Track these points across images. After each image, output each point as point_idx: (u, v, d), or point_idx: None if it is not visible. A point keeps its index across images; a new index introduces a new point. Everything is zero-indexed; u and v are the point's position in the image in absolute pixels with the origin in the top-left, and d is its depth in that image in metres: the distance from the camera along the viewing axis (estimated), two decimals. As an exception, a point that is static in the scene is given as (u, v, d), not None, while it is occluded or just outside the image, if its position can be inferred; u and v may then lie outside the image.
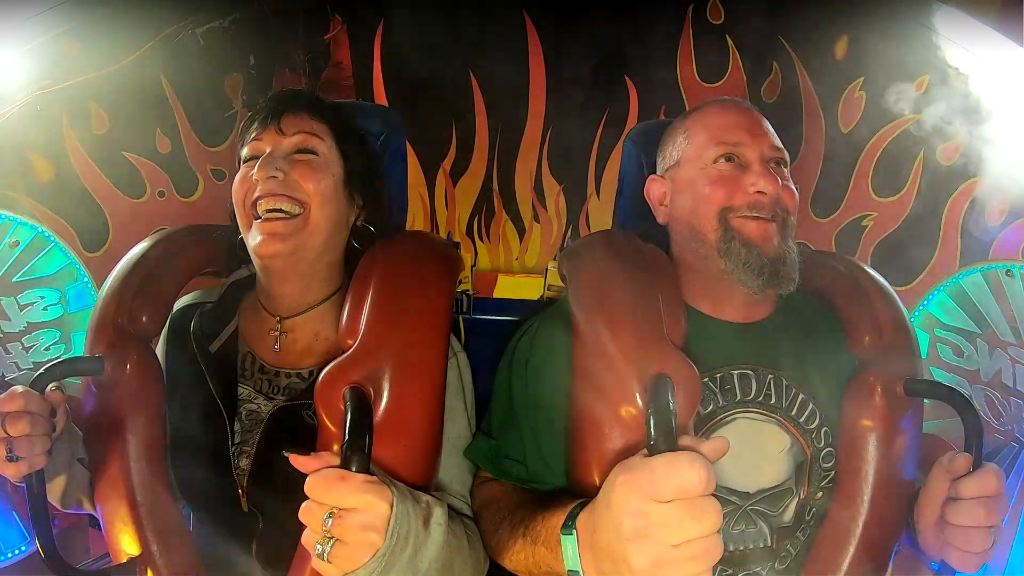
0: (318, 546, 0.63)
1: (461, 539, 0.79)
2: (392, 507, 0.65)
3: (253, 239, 0.86)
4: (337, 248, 0.93)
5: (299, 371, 0.91)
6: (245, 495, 0.86)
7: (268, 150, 0.88)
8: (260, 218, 0.86)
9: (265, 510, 0.86)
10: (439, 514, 0.71)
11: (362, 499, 0.63)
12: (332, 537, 0.63)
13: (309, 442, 0.77)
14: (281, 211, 0.86)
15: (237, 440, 0.88)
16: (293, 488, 0.81)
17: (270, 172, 0.85)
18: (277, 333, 0.92)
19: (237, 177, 0.90)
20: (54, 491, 0.86)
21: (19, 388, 0.77)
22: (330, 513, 0.62)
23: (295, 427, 0.86)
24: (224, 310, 0.96)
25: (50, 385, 0.80)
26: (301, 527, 0.80)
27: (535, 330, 0.93)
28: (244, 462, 0.87)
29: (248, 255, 0.91)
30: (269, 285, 0.92)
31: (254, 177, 0.86)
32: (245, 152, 0.91)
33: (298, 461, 0.66)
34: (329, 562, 0.63)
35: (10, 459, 0.76)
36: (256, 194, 0.86)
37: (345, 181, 0.92)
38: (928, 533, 0.83)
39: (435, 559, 0.70)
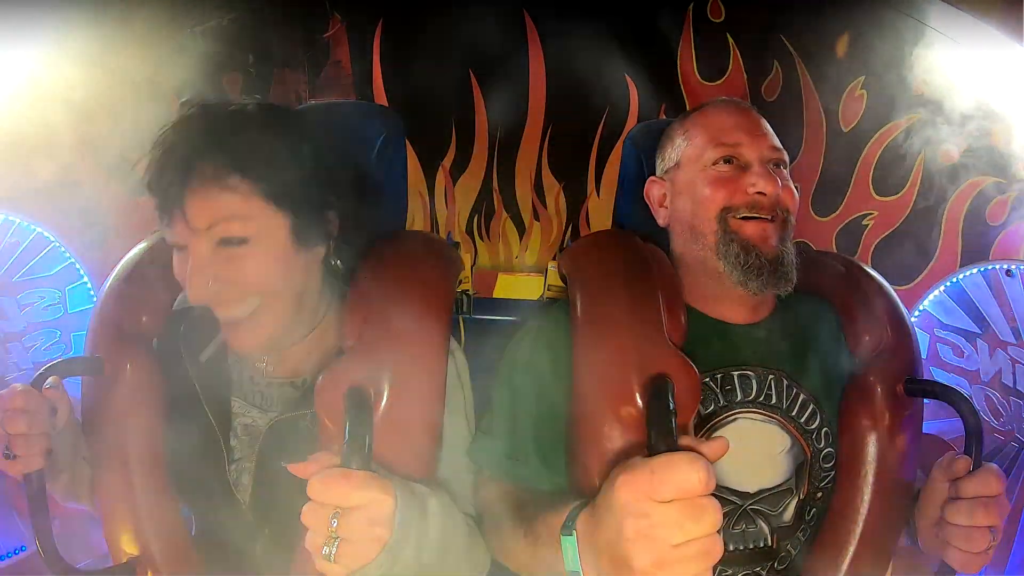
0: (324, 548, 0.62)
1: (458, 529, 0.79)
2: (396, 500, 0.64)
3: (223, 331, 0.81)
4: (310, 292, 0.86)
5: (292, 381, 0.89)
6: (248, 510, 0.86)
7: (188, 248, 0.74)
8: (219, 318, 0.79)
9: (267, 523, 0.85)
10: (433, 504, 0.72)
11: (366, 495, 0.62)
12: (338, 537, 0.62)
13: (309, 452, 0.77)
14: (235, 317, 0.77)
15: (236, 456, 0.86)
16: (297, 503, 0.81)
17: (203, 282, 0.74)
18: (264, 365, 0.89)
19: (175, 268, 0.78)
20: (56, 487, 0.86)
21: (19, 386, 0.77)
22: (335, 513, 0.62)
23: (293, 440, 0.84)
24: (214, 321, 0.94)
25: (48, 381, 0.79)
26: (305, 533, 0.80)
27: (535, 330, 0.93)
28: (246, 479, 0.86)
29: None
30: None
31: (190, 284, 0.75)
32: (167, 237, 0.77)
33: (297, 469, 0.65)
34: (336, 563, 0.62)
35: (7, 456, 0.76)
36: (203, 301, 0.76)
37: (296, 234, 0.78)
38: (928, 533, 0.83)
39: (434, 550, 0.70)
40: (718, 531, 0.54)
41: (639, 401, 0.73)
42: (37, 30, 1.51)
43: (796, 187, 0.94)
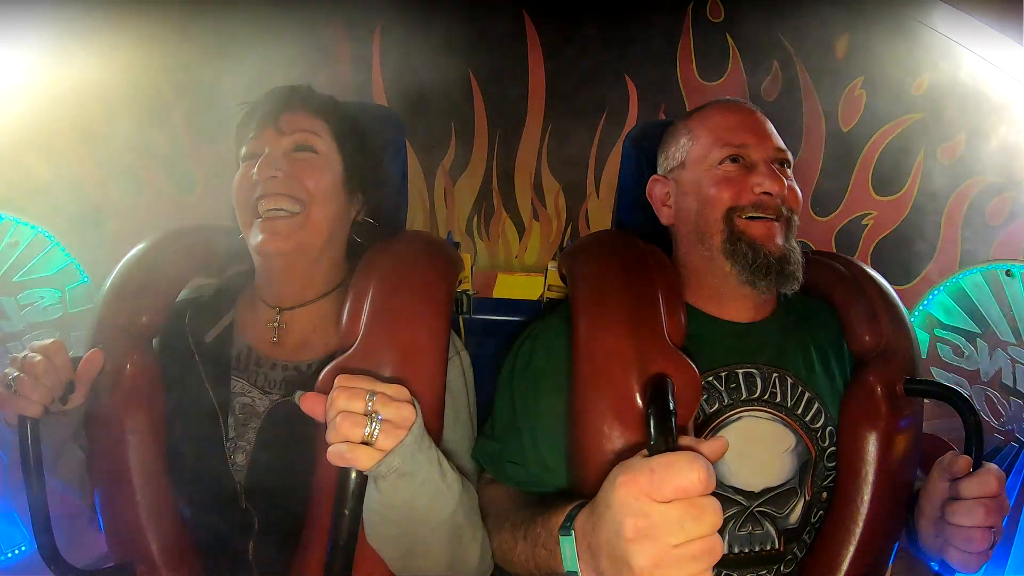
0: (366, 429, 0.65)
1: (476, 506, 0.83)
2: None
3: (254, 238, 0.86)
4: (338, 244, 0.94)
5: (296, 364, 0.91)
6: (242, 491, 0.86)
7: (267, 150, 0.88)
8: (261, 217, 0.86)
9: (262, 508, 0.86)
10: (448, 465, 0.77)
11: (387, 384, 0.69)
12: (377, 416, 0.66)
13: (307, 437, 0.77)
14: (282, 210, 0.86)
15: (232, 435, 0.88)
16: (290, 484, 0.81)
17: (270, 172, 0.86)
18: (276, 325, 0.92)
19: (237, 176, 0.90)
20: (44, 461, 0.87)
21: (52, 339, 0.80)
22: (371, 392, 0.67)
23: (293, 423, 0.85)
24: (220, 303, 0.96)
25: (90, 353, 0.81)
26: (298, 528, 0.80)
27: (536, 334, 0.93)
28: (241, 458, 0.87)
29: (249, 254, 0.90)
30: (270, 281, 0.92)
31: (255, 176, 0.86)
32: (244, 151, 0.91)
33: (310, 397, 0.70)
34: (373, 444, 0.66)
35: (8, 387, 0.77)
36: (257, 193, 0.86)
37: (345, 178, 0.92)
38: (928, 533, 0.83)
39: (455, 487, 0.75)
40: (718, 530, 0.54)
41: (639, 401, 0.73)
42: (37, 30, 1.51)
43: (798, 187, 0.94)
